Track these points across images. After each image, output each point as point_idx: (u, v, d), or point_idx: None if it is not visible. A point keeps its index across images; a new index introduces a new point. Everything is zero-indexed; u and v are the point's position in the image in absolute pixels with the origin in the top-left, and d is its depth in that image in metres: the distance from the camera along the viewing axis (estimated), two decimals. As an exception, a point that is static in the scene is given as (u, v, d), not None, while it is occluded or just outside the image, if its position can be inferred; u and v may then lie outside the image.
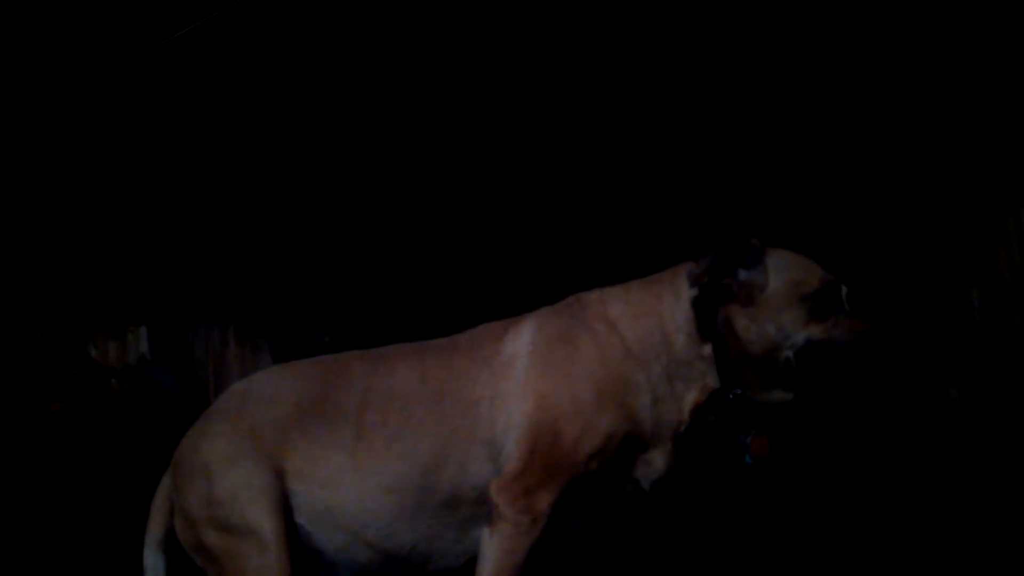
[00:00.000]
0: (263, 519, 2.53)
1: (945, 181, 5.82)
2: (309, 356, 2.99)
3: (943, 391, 5.98)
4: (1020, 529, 4.37)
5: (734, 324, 2.53)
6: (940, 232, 5.93)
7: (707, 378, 2.56)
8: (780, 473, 4.39)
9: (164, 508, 2.74)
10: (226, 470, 2.60)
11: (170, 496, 2.73)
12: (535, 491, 2.45)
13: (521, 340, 2.64)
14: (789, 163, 5.74)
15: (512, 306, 2.94)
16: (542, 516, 2.45)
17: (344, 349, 3.00)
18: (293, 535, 2.57)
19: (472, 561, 2.55)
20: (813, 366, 2.49)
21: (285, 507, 2.57)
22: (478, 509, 2.54)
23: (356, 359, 2.82)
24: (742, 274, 2.55)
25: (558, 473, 2.47)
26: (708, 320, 2.55)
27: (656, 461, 2.57)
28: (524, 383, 2.56)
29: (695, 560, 4.31)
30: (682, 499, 4.38)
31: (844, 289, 2.55)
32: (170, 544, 2.70)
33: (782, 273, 2.56)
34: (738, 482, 4.29)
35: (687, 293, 2.59)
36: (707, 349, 2.55)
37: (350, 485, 2.57)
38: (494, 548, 2.45)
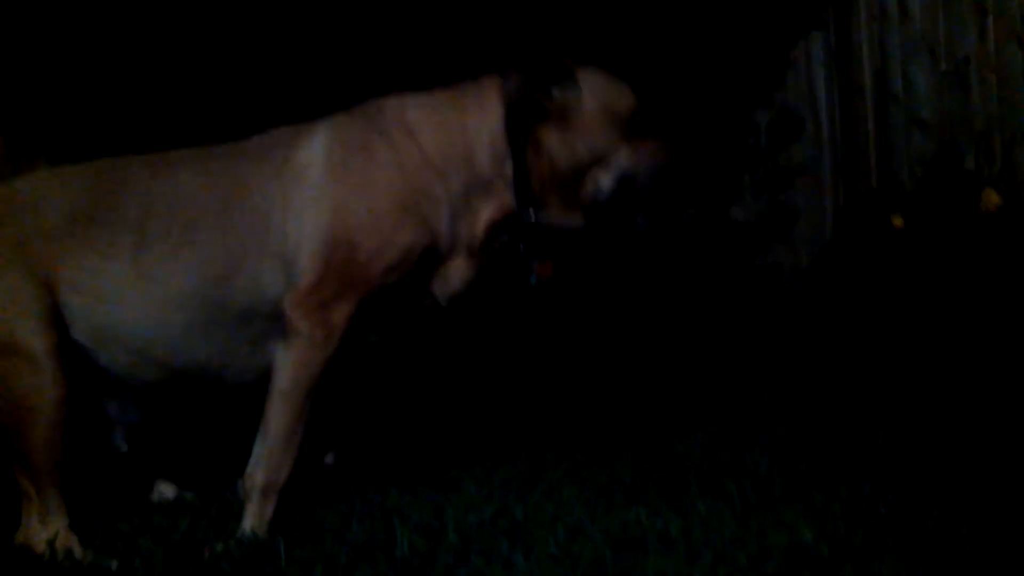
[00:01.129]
0: (33, 336, 2.37)
1: (736, 6, 5.92)
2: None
3: (725, 212, 6.28)
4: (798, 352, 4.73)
5: (544, 142, 2.53)
6: (731, 56, 6.07)
7: (504, 196, 2.56)
8: (562, 293, 4.55)
9: None
10: None
11: None
12: (330, 305, 2.41)
13: (314, 148, 2.53)
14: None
15: (297, 111, 2.82)
16: (338, 330, 2.41)
17: (119, 152, 2.80)
18: (71, 353, 2.41)
19: (266, 376, 2.49)
20: (622, 197, 2.53)
21: (60, 323, 2.41)
22: (272, 324, 2.47)
23: (134, 163, 2.63)
24: (556, 92, 2.52)
25: (354, 287, 2.43)
26: (518, 138, 2.52)
27: (453, 277, 2.57)
28: (318, 194, 2.47)
29: (485, 375, 4.46)
30: (474, 314, 4.49)
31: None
32: None
33: (596, 93, 2.56)
34: (523, 299, 4.45)
35: (495, 108, 2.55)
36: (509, 167, 2.54)
37: (133, 299, 2.45)
38: (289, 363, 2.40)
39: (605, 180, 2.55)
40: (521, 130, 2.54)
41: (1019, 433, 2.89)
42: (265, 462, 2.41)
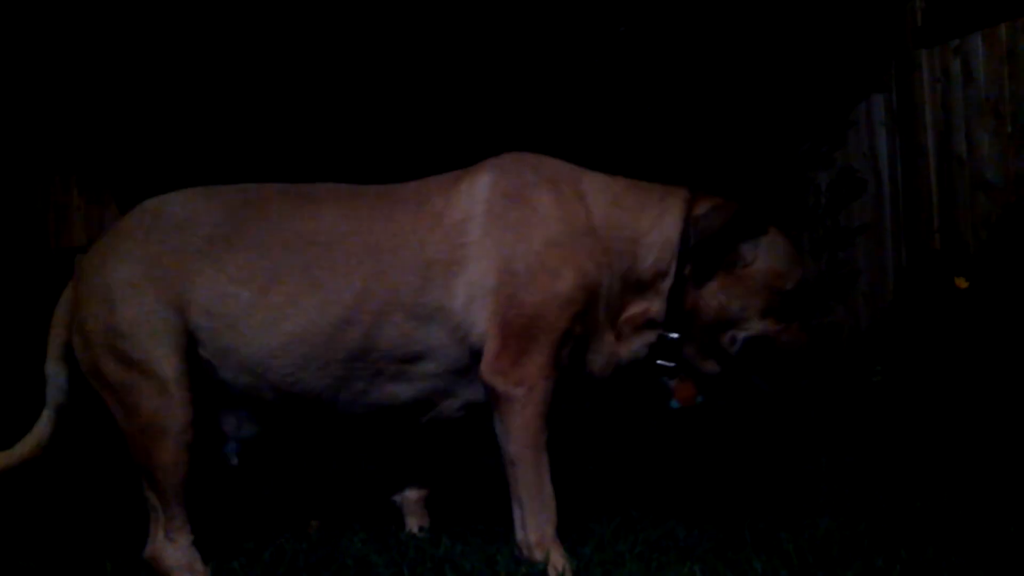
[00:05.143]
0: (164, 359, 2.45)
1: (800, 67, 5.94)
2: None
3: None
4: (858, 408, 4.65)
5: (705, 283, 2.53)
6: (793, 116, 6.08)
7: (652, 304, 2.57)
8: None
9: (65, 320, 2.60)
10: (128, 298, 2.48)
11: (71, 308, 2.59)
12: (520, 361, 2.42)
13: (475, 197, 2.53)
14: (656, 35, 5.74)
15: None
16: (538, 381, 2.42)
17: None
18: (197, 368, 2.50)
19: (378, 414, 2.56)
20: (751, 356, 2.55)
21: (190, 341, 2.48)
22: (396, 366, 2.50)
23: (280, 193, 2.66)
24: (741, 247, 2.53)
25: (535, 338, 2.43)
26: (685, 263, 2.51)
27: (601, 352, 2.56)
28: (481, 251, 2.48)
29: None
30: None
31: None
32: (72, 356, 2.60)
33: (770, 258, 2.56)
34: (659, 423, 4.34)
35: (676, 221, 2.55)
36: (666, 284, 2.55)
37: (258, 327, 2.48)
38: (507, 430, 2.43)
39: (740, 338, 2.56)
40: (691, 258, 2.54)
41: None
42: (531, 522, 2.43)
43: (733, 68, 5.83)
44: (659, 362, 2.60)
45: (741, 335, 2.56)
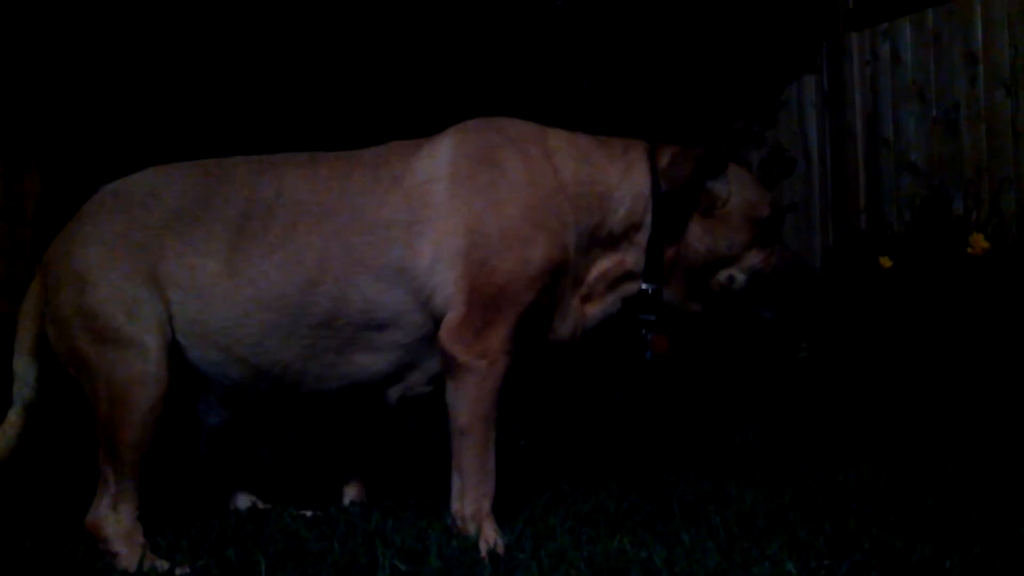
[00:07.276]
0: (143, 330, 2.40)
1: (733, 47, 6.00)
2: (84, 179, 2.79)
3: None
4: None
5: (686, 230, 2.54)
6: (727, 95, 6.15)
7: (626, 257, 2.56)
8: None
9: (33, 314, 2.54)
10: (100, 279, 2.43)
11: (40, 302, 2.53)
12: (483, 332, 2.37)
13: (439, 160, 2.48)
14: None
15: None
16: (499, 355, 2.38)
17: (125, 173, 2.82)
18: (173, 348, 2.43)
19: (349, 389, 2.51)
20: (751, 291, 2.58)
21: (163, 317, 2.42)
22: (364, 334, 2.46)
23: (241, 164, 2.62)
24: (710, 184, 2.53)
25: (501, 309, 2.38)
26: (660, 213, 2.51)
27: (568, 317, 2.53)
28: (447, 213, 2.42)
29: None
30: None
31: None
32: (42, 352, 2.53)
33: (742, 191, 2.56)
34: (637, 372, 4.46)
35: (643, 173, 2.55)
36: (642, 236, 2.54)
37: (222, 295, 2.44)
38: (461, 399, 2.39)
39: (739, 277, 2.58)
40: (665, 207, 2.54)
41: (1005, 468, 2.91)
42: (469, 495, 2.41)
43: (668, 47, 5.86)
44: (641, 316, 2.59)
45: (741, 275, 2.58)
